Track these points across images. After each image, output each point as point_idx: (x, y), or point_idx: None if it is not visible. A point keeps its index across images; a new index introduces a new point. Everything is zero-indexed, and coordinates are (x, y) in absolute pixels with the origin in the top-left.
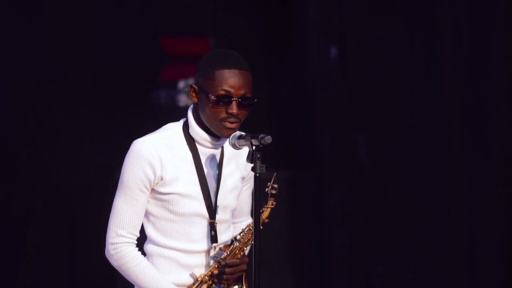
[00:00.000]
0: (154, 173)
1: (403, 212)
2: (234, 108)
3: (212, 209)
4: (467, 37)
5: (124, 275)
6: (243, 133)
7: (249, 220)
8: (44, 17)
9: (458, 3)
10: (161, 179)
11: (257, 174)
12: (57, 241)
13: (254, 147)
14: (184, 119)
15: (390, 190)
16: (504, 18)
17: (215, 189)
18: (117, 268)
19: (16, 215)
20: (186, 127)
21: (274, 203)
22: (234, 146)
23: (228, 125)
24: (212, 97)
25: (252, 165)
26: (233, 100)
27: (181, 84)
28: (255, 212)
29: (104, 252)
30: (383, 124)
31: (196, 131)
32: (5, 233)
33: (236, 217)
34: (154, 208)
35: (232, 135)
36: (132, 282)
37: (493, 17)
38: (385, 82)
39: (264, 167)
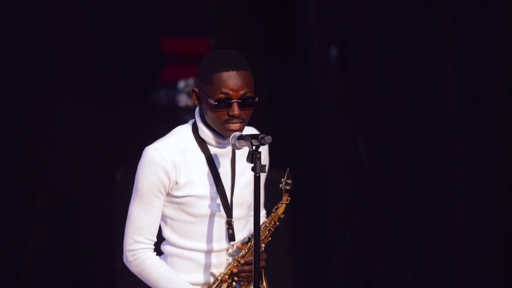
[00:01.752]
0: (169, 179)
1: (403, 212)
2: (235, 110)
3: (228, 208)
4: (467, 36)
5: (144, 281)
6: (243, 133)
7: (263, 212)
8: (44, 18)
9: (458, 3)
10: (176, 183)
11: (257, 174)
12: (57, 241)
13: (254, 147)
14: (193, 120)
15: (390, 190)
16: (504, 18)
17: (230, 187)
18: (136, 274)
19: (16, 215)
20: (195, 128)
21: (289, 198)
22: (234, 146)
23: (231, 127)
24: (212, 101)
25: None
26: (233, 102)
27: (181, 84)
28: (255, 212)
29: (122, 259)
30: (383, 124)
31: (205, 132)
32: (5, 233)
33: (250, 210)
34: (171, 211)
35: (232, 135)
36: (153, 287)
37: (493, 17)
38: (385, 82)
39: (264, 167)
